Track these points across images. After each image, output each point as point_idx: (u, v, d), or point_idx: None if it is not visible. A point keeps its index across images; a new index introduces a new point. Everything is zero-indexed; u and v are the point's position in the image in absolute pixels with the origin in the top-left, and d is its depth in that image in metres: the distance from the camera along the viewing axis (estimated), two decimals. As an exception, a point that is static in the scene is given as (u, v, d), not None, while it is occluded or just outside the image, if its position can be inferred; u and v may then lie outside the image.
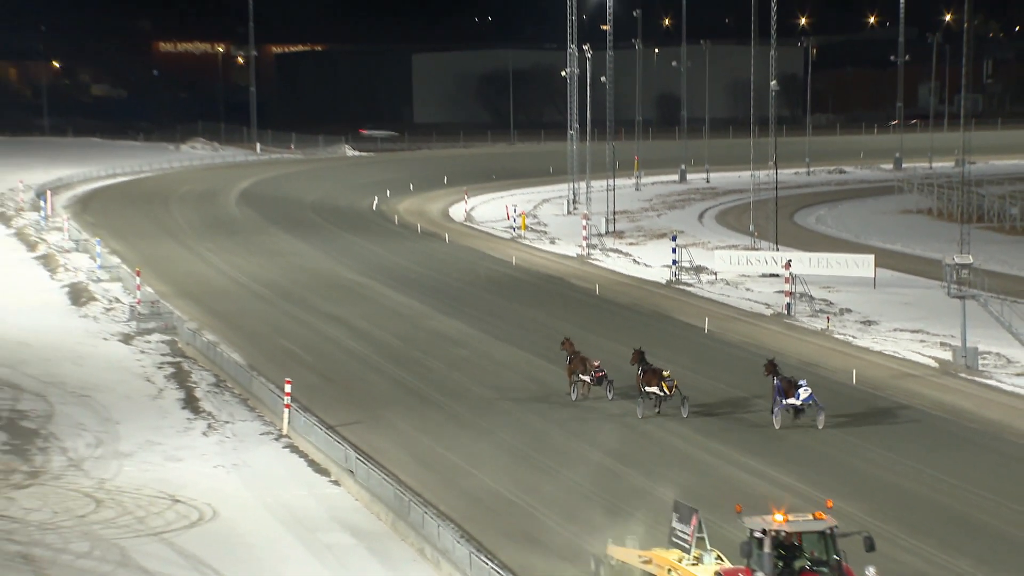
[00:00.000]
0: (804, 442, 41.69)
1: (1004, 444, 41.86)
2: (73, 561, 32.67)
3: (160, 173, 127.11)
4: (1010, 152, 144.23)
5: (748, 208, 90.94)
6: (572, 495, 36.84)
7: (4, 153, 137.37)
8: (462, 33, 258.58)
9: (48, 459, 40.63)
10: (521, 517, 35.45)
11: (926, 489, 37.46)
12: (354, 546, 34.01)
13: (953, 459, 40.00)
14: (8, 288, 67.85)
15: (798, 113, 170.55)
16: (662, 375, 44.08)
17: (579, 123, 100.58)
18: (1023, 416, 44.88)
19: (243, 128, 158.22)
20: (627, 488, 37.25)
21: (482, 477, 38.55)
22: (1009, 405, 46.36)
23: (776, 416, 42.82)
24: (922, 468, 39.05)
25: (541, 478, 38.33)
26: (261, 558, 33.18)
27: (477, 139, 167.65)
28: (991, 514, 35.48)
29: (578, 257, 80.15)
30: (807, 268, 67.97)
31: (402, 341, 56.15)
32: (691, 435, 42.47)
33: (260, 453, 41.40)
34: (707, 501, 32.45)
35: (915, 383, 49.32)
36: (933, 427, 43.81)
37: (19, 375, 50.26)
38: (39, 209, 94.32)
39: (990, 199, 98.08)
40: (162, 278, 69.87)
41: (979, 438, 42.49)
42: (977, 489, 37.25)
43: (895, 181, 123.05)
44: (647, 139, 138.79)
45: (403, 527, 34.35)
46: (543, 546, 33.39)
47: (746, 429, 43.13)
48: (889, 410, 45.79)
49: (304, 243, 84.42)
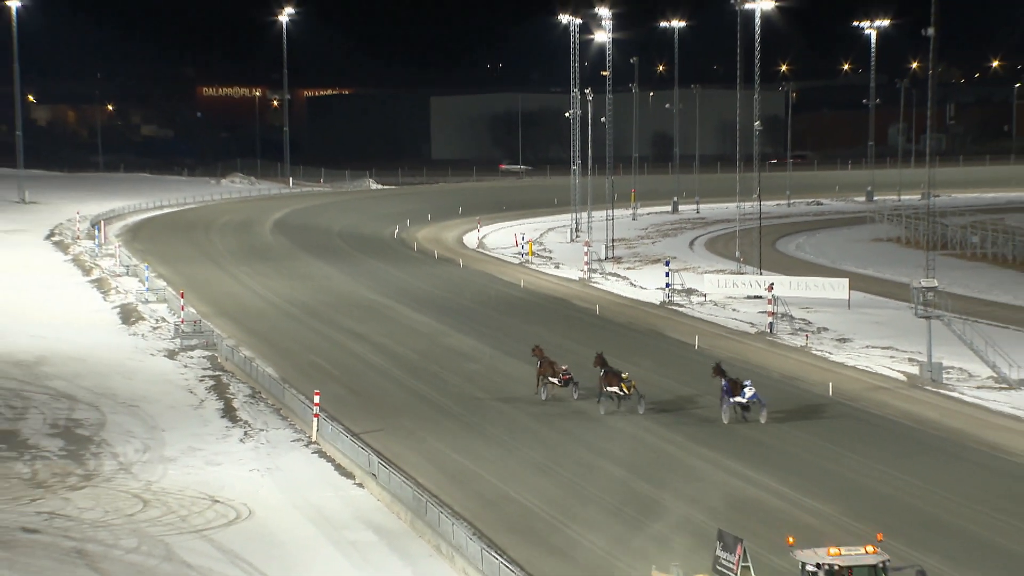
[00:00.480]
0: (784, 448, 41.58)
1: (966, 451, 41.72)
2: (123, 556, 32.65)
3: (202, 205, 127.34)
4: (971, 186, 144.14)
5: (734, 236, 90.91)
6: (569, 493, 36.79)
7: (63, 187, 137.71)
8: (476, 78, 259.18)
9: (100, 463, 40.63)
10: (528, 516, 35.38)
11: (896, 491, 37.33)
12: (376, 543, 33.96)
13: (920, 464, 39.87)
14: (65, 309, 67.96)
15: (780, 151, 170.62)
16: (621, 376, 45.24)
17: (581, 159, 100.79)
18: (984, 425, 44.78)
19: (277, 164, 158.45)
20: (622, 489, 37.19)
21: (493, 480, 38.47)
22: (971, 415, 46.22)
23: (724, 412, 43.68)
24: (892, 472, 38.94)
25: (545, 480, 38.26)
26: (292, 553, 33.13)
27: (489, 174, 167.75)
28: (955, 514, 35.35)
29: (580, 280, 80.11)
30: (788, 291, 68.01)
31: (420, 356, 56.12)
32: (684, 442, 42.39)
33: (291, 458, 41.36)
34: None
35: (886, 395, 49.21)
36: (902, 435, 43.70)
37: (75, 387, 50.31)
38: (94, 237, 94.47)
39: (953, 229, 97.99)
40: (204, 299, 69.91)
41: (944, 445, 42.36)
42: (942, 492, 37.12)
43: (867, 212, 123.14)
44: (643, 174, 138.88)
45: (421, 525, 34.28)
46: (547, 543, 33.33)
47: (740, 440, 43.00)
48: (862, 419, 45.70)
49: (332, 267, 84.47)
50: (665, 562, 29.66)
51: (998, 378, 50.52)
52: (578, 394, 46.76)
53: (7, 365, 54.03)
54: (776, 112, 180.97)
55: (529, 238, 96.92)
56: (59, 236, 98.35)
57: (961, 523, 34.66)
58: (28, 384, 50.85)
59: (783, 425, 44.12)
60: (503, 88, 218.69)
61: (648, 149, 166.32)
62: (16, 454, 41.56)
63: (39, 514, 35.66)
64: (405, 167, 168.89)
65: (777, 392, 49.58)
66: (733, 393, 43.79)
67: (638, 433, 43.26)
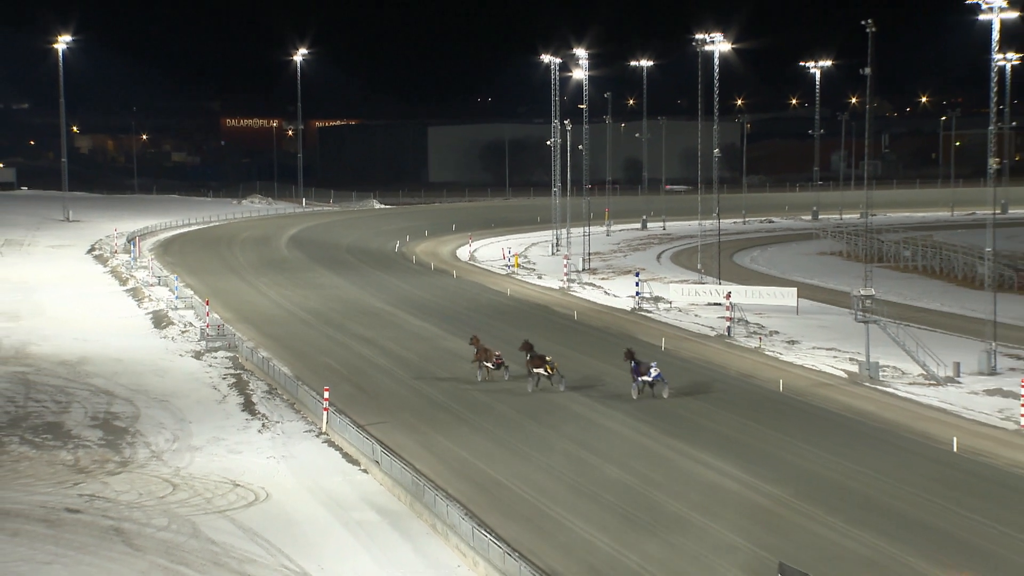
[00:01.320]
0: (740, 438, 41.54)
1: (900, 439, 41.76)
2: (155, 533, 32.54)
3: (225, 223, 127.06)
4: (904, 206, 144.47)
5: (697, 250, 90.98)
6: (552, 479, 36.73)
7: (102, 207, 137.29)
8: (469, 110, 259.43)
9: (135, 451, 40.50)
10: (515, 499, 35.31)
11: (838, 476, 37.35)
12: (379, 522, 33.88)
13: (860, 451, 39.89)
14: (104, 315, 67.74)
15: (736, 175, 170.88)
16: (545, 359, 47.43)
17: (561, 182, 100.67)
18: (915, 417, 44.84)
19: (292, 186, 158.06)
20: (599, 476, 37.18)
21: (483, 467, 38.40)
22: (903, 408, 46.28)
23: (634, 389, 46.15)
24: (835, 459, 38.95)
25: (530, 467, 38.18)
26: (305, 532, 33.05)
27: (479, 194, 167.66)
28: (890, 495, 35.37)
29: (560, 289, 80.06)
30: (743, 298, 68.03)
31: (420, 357, 56.02)
32: (657, 435, 42.34)
33: (304, 447, 41.26)
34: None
35: (830, 390, 49.24)
36: (844, 426, 43.72)
37: (113, 384, 50.15)
38: (129, 252, 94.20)
39: (888, 244, 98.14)
40: (226, 306, 69.76)
41: (880, 435, 42.39)
42: (877, 475, 37.14)
43: (813, 229, 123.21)
44: (616, 195, 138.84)
45: (419, 507, 34.21)
46: (532, 523, 33.27)
47: (705, 433, 42.98)
48: (809, 412, 45.71)
49: (341, 278, 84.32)
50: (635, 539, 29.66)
51: (927, 376, 50.62)
52: (509, 375, 49.17)
53: (54, 364, 53.88)
54: (733, 141, 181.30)
55: (515, 252, 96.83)
56: (99, 250, 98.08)
57: (895, 503, 34.68)
58: (72, 381, 50.70)
59: (740, 417, 44.13)
60: (493, 119, 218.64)
61: (620, 173, 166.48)
62: (61, 443, 41.42)
63: (81, 496, 35.55)
64: (406, 189, 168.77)
65: (734, 388, 49.65)
66: (640, 373, 46.38)
67: (615, 427, 43.21)
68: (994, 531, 32.30)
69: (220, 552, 31.22)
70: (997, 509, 34.00)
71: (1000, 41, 53.42)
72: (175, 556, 30.90)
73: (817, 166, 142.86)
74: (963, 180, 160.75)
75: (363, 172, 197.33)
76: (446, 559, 31.22)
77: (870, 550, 30.92)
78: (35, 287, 77.73)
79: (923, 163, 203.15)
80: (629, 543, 31.31)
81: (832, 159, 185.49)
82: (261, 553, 31.31)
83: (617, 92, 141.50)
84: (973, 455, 39.59)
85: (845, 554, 30.73)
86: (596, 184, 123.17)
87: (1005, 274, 78.39)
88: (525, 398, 47.19)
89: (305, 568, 30.45)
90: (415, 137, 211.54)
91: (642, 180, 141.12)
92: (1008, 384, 48.72)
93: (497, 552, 29.51)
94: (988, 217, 61.51)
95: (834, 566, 29.88)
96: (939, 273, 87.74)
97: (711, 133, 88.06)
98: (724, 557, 30.29)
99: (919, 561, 30.16)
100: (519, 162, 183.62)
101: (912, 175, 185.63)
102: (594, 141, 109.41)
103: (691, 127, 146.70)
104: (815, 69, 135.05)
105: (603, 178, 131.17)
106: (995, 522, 32.92)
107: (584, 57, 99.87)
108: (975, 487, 36.12)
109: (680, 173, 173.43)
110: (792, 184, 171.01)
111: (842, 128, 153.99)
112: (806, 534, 32.01)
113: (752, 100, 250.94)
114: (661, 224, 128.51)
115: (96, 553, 31.06)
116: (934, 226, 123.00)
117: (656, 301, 71.94)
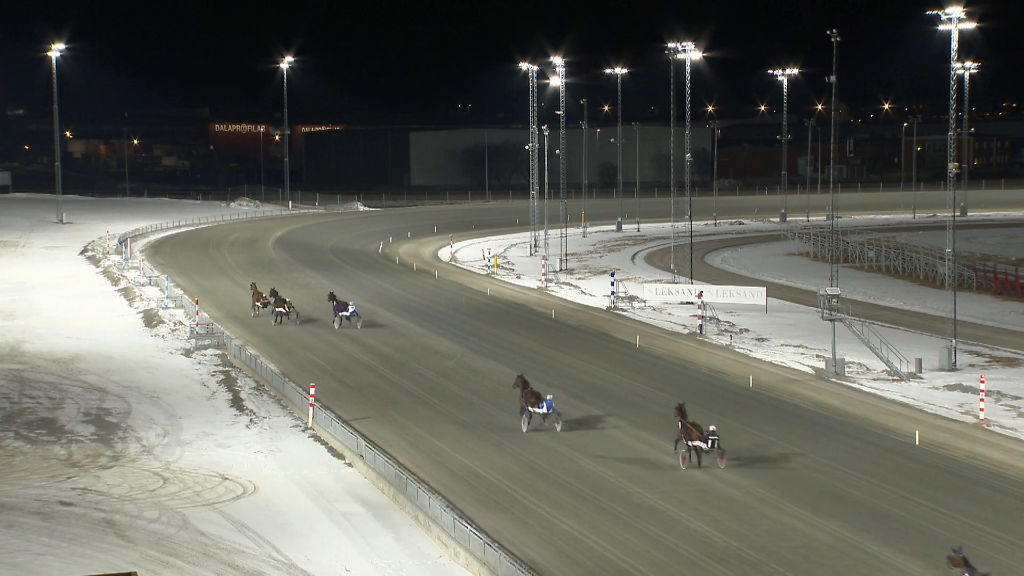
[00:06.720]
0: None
1: (864, 432, 41.94)
2: (146, 525, 32.42)
3: (214, 224, 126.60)
4: (867, 209, 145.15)
5: (670, 251, 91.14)
6: (528, 471, 36.76)
7: (95, 210, 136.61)
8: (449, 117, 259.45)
9: (126, 446, 40.34)
10: (493, 491, 35.31)
11: (804, 467, 37.47)
12: (364, 514, 33.83)
13: (825, 444, 40.05)
14: (97, 314, 67.43)
15: (707, 179, 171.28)
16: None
17: (539, 185, 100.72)
18: (878, 411, 45.03)
19: (278, 189, 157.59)
20: (573, 467, 37.23)
21: (463, 460, 38.39)
22: (868, 403, 46.47)
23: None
24: (801, 451, 39.09)
25: (508, 460, 38.20)
26: (292, 523, 32.97)
27: (460, 198, 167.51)
28: (853, 486, 35.52)
29: (538, 289, 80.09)
30: (715, 297, 68.18)
31: (402, 354, 55.95)
32: (627, 427, 42.41)
33: (290, 442, 41.17)
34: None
35: (797, 386, 49.41)
36: (810, 420, 43.88)
37: (105, 381, 49.94)
38: (121, 253, 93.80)
39: (853, 245, 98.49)
40: (215, 305, 69.52)
41: (845, 428, 42.56)
42: (843, 467, 37.30)
43: (781, 231, 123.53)
44: (591, 198, 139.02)
45: (402, 499, 34.18)
46: (510, 513, 33.29)
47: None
48: (778, 407, 45.86)
49: (325, 278, 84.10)
50: (616, 530, 29.68)
51: (891, 372, 50.83)
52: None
53: (48, 362, 53.61)
54: (704, 146, 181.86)
55: (494, 253, 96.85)
56: (92, 252, 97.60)
57: (858, 493, 34.83)
58: (65, 378, 50.46)
59: (711, 412, 44.19)
60: (472, 125, 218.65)
61: (596, 177, 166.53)
62: (54, 438, 41.23)
63: (74, 489, 35.39)
64: (388, 192, 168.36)
65: (705, 384, 49.77)
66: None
67: (590, 421, 43.20)
68: (953, 520, 32.47)
69: (209, 543, 31.12)
70: (957, 500, 34.18)
71: (959, 50, 53.76)
72: (166, 547, 30.79)
73: (785, 170, 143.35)
74: (924, 184, 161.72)
75: (347, 176, 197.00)
76: (428, 549, 31.20)
77: (835, 539, 31.04)
78: (29, 287, 77.32)
79: (886, 167, 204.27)
80: (605, 533, 31.36)
81: (799, 164, 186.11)
82: (249, 544, 31.22)
83: (592, 99, 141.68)
84: (934, 448, 39.78)
85: (811, 543, 30.84)
86: (572, 187, 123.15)
87: (965, 274, 78.80)
88: (503, 394, 47.18)
89: (292, 558, 30.37)
90: (398, 142, 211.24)
91: (617, 183, 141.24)
92: (968, 380, 48.97)
93: (477, 542, 29.51)
94: (948, 219, 61.82)
95: (800, 555, 29.99)
96: (902, 273, 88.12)
97: (683, 138, 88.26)
98: (696, 546, 30.37)
99: (883, 549, 30.30)
100: (498, 166, 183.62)
101: (875, 179, 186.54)
102: (570, 146, 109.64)
103: (664, 132, 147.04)
104: (782, 77, 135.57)
105: (579, 181, 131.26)
106: (955, 512, 33.09)
107: (561, 65, 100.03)
108: (936, 478, 36.31)
109: (653, 176, 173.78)
110: (761, 188, 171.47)
111: (808, 134, 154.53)
112: (773, 524, 32.13)
113: (722, 107, 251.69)
114: (635, 226, 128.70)
115: (89, 544, 30.94)
116: (897, 228, 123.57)
117: (631, 300, 71.99)
